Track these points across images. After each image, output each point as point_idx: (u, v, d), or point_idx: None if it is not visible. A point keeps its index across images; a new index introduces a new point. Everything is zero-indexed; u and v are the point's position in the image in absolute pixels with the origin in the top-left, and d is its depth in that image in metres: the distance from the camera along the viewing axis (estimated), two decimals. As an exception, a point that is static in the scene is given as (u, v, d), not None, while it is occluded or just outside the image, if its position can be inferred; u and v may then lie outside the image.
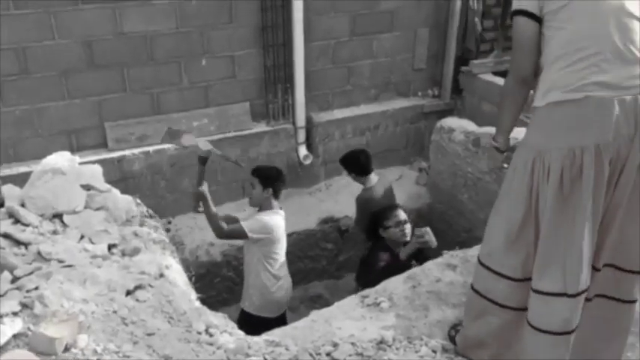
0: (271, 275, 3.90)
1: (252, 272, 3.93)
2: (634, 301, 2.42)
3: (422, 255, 3.89)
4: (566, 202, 2.10)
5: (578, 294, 2.18)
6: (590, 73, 2.04)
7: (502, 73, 5.90)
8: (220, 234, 3.82)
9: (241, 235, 3.78)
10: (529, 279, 2.27)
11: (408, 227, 3.94)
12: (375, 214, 4.06)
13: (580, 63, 2.06)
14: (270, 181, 3.84)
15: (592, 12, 2.06)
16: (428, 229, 3.77)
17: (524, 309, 2.32)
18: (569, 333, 2.24)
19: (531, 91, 2.31)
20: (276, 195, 3.89)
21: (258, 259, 3.87)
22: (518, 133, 2.60)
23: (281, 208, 3.97)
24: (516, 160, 2.25)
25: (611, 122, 2.04)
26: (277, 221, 3.84)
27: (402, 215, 3.95)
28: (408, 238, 3.91)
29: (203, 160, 3.82)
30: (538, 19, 2.13)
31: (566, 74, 2.08)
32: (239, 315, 4.06)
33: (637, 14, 2.07)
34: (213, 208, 3.81)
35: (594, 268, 2.28)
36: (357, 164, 4.53)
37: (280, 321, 3.99)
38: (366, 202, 4.49)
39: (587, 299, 2.31)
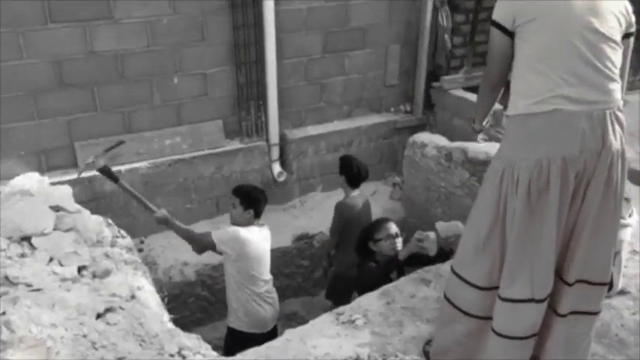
0: (253, 293, 3.83)
1: (231, 290, 3.87)
2: (599, 312, 2.48)
3: (416, 260, 3.80)
4: (533, 212, 2.17)
5: (545, 299, 2.28)
6: (557, 86, 2.10)
7: (472, 89, 5.99)
8: (190, 239, 3.82)
9: (209, 243, 3.70)
10: (495, 288, 2.33)
11: (399, 241, 3.87)
12: (366, 227, 4.03)
13: (547, 76, 2.12)
14: (252, 202, 3.79)
15: (559, 27, 2.11)
16: (431, 234, 3.60)
17: (489, 318, 2.37)
18: (534, 336, 2.34)
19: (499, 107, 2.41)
20: (257, 215, 3.84)
21: (234, 277, 3.80)
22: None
23: (263, 225, 3.90)
24: (489, 170, 2.33)
25: (578, 136, 2.10)
26: (249, 237, 3.71)
27: (393, 228, 3.89)
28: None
29: (107, 173, 3.84)
30: (510, 33, 2.21)
31: (534, 86, 2.14)
32: (226, 333, 4.05)
33: (602, 30, 2.13)
34: (180, 225, 3.81)
35: (566, 283, 2.34)
36: (355, 173, 4.56)
37: (268, 337, 3.91)
38: (344, 209, 4.54)
39: (562, 315, 2.37)
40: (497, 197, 2.23)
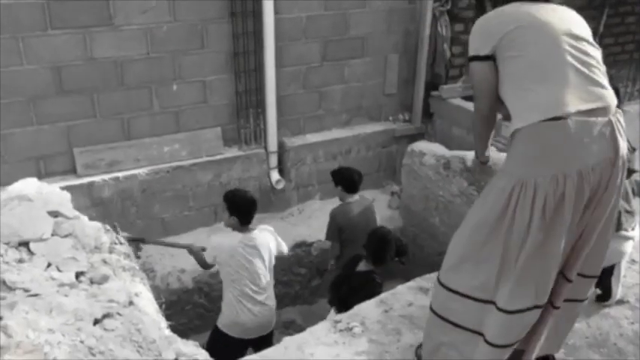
0: (234, 298, 3.86)
1: (223, 291, 3.96)
2: (586, 299, 2.54)
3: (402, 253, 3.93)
4: (547, 227, 2.14)
5: (545, 303, 2.31)
6: (559, 98, 2.07)
7: (471, 98, 6.00)
8: (203, 266, 4.12)
9: (206, 264, 3.98)
10: (489, 301, 2.31)
11: None
12: (401, 243, 4.02)
13: (548, 87, 2.10)
14: (234, 209, 3.83)
15: (546, 37, 2.12)
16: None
17: (478, 332, 2.37)
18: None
19: (499, 117, 2.39)
20: (242, 221, 3.84)
21: (224, 280, 3.91)
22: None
23: (251, 230, 3.88)
24: (493, 185, 2.27)
25: (590, 147, 2.08)
26: (222, 243, 3.82)
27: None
28: None
29: (131, 239, 4.05)
30: (489, 57, 2.20)
31: (537, 100, 2.11)
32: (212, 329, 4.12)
33: (582, 35, 2.16)
34: (202, 254, 4.04)
35: (568, 279, 2.37)
36: (349, 179, 4.59)
37: (252, 344, 3.96)
38: (336, 215, 4.58)
39: (558, 307, 2.41)
40: (502, 213, 2.18)
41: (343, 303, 3.54)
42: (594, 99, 2.10)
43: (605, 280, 3.22)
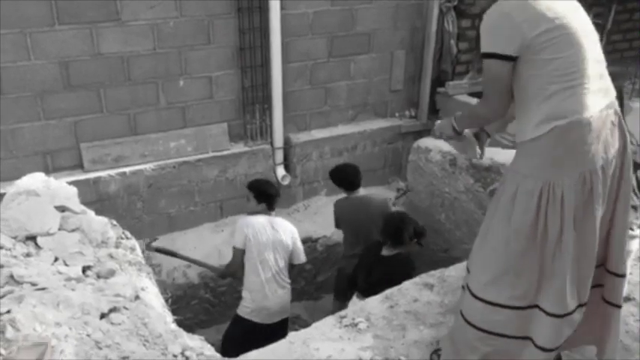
0: (260, 281, 3.97)
1: (245, 277, 4.07)
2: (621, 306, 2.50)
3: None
4: (580, 225, 2.16)
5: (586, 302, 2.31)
6: (583, 95, 2.09)
7: (477, 94, 6.00)
8: (231, 271, 4.24)
9: (238, 254, 4.02)
10: (531, 307, 2.29)
11: None
12: (417, 224, 4.05)
13: (575, 92, 2.09)
14: (263, 196, 4.07)
15: (575, 41, 2.09)
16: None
17: (522, 337, 2.35)
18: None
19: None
20: (270, 207, 4.08)
21: (248, 264, 4.00)
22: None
23: (274, 216, 4.13)
24: (515, 191, 2.22)
25: (608, 140, 2.13)
26: (249, 222, 3.98)
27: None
28: None
29: (164, 251, 4.49)
30: (513, 58, 2.12)
31: (561, 101, 2.10)
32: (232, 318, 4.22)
33: (591, 28, 2.17)
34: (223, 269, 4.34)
35: (619, 275, 2.40)
36: (344, 181, 4.58)
37: (270, 331, 3.98)
38: (336, 207, 4.64)
39: (620, 306, 2.47)
40: (535, 218, 2.15)
41: (373, 289, 3.53)
42: (606, 95, 2.15)
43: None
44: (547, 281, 2.24)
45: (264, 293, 3.99)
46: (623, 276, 2.38)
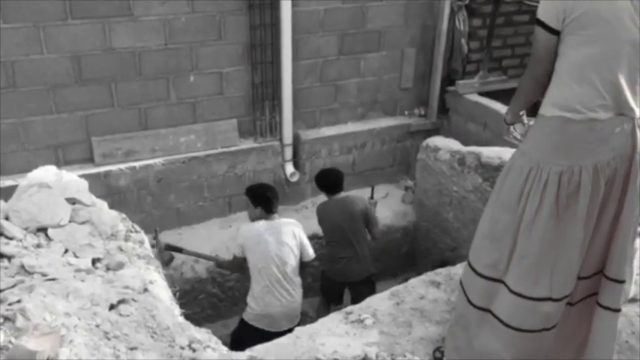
0: (263, 287, 3.94)
1: (251, 282, 4.05)
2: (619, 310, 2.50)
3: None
4: (560, 215, 2.20)
5: (562, 298, 2.33)
6: (598, 97, 2.11)
7: (487, 94, 5.99)
8: (231, 268, 4.42)
9: (236, 257, 4.09)
10: (497, 280, 2.38)
11: None
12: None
13: (591, 86, 2.11)
14: (257, 200, 4.07)
15: (608, 35, 2.09)
16: None
17: (486, 310, 2.45)
18: (548, 330, 2.39)
19: None
20: (267, 210, 4.04)
21: (251, 270, 3.98)
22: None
23: (274, 219, 4.07)
24: (510, 165, 2.34)
25: (611, 144, 2.14)
26: (249, 230, 4.00)
27: None
28: None
29: (171, 248, 4.61)
30: (557, 32, 2.15)
31: (576, 95, 2.13)
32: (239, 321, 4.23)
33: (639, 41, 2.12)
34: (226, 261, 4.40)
35: (617, 281, 2.39)
36: (324, 185, 4.67)
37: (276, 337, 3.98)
38: (317, 211, 4.74)
39: (618, 310, 2.44)
40: (519, 195, 2.26)
41: None
42: (626, 106, 2.14)
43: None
44: (516, 259, 2.31)
45: (266, 300, 3.94)
46: (622, 282, 2.38)
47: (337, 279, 4.74)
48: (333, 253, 4.66)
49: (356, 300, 3.68)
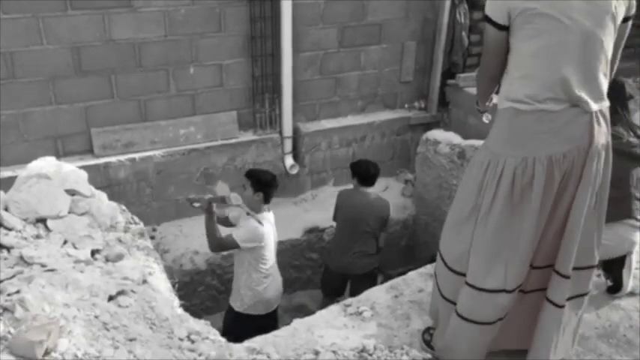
0: (262, 276, 3.97)
1: (243, 275, 3.99)
2: (589, 292, 2.54)
3: None
4: (514, 207, 2.24)
5: (516, 289, 2.38)
6: (550, 88, 2.12)
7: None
8: (215, 247, 3.92)
9: (233, 245, 3.85)
10: (461, 274, 2.43)
11: None
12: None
13: (542, 77, 2.13)
14: (262, 185, 3.92)
15: (558, 27, 2.09)
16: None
17: (450, 300, 2.51)
18: (500, 320, 2.44)
19: None
20: (266, 199, 3.97)
21: (249, 262, 3.95)
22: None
23: (269, 211, 4.04)
24: (474, 158, 2.41)
25: (566, 135, 2.15)
26: (267, 229, 3.89)
27: None
28: None
29: (221, 201, 3.81)
30: (505, 28, 2.20)
31: (527, 85, 2.15)
32: (227, 314, 4.19)
33: (598, 33, 2.11)
34: (216, 226, 3.91)
35: (564, 276, 2.38)
36: (364, 173, 4.65)
37: (270, 318, 4.11)
38: (339, 195, 4.74)
39: (562, 306, 2.42)
40: (479, 187, 2.30)
41: None
42: (579, 99, 2.12)
43: (616, 271, 3.21)
44: (475, 252, 2.36)
45: (263, 287, 3.99)
46: (567, 277, 2.37)
47: (338, 270, 4.74)
48: (343, 244, 4.64)
49: (355, 292, 3.69)
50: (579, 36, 2.09)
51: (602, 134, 2.20)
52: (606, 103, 2.21)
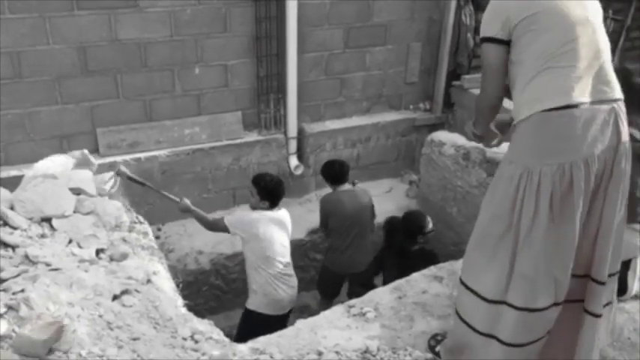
0: (269, 274, 3.91)
1: (251, 273, 3.99)
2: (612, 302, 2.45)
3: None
4: (555, 217, 2.11)
5: (562, 301, 2.27)
6: (570, 86, 2.07)
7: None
8: (208, 228, 4.06)
9: (221, 226, 3.90)
10: (501, 302, 2.27)
11: None
12: (416, 219, 4.38)
13: (559, 76, 2.08)
14: (268, 194, 3.90)
15: (562, 25, 2.09)
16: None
17: (491, 336, 2.32)
18: (548, 333, 2.33)
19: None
20: (272, 206, 3.94)
21: (250, 258, 3.93)
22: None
23: (280, 209, 4.01)
24: (499, 176, 2.25)
25: (597, 135, 2.07)
26: (259, 218, 3.86)
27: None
28: None
29: (132, 180, 4.06)
30: (506, 42, 2.17)
31: (547, 88, 2.10)
32: (243, 313, 4.16)
33: (593, 21, 2.12)
34: (200, 212, 4.06)
35: (600, 282, 2.31)
36: (330, 174, 4.65)
37: (281, 320, 4.04)
38: (325, 203, 4.67)
39: (599, 315, 2.35)
40: (512, 205, 2.15)
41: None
42: (601, 91, 2.10)
43: (621, 274, 3.19)
44: (517, 274, 2.21)
45: (274, 287, 3.96)
46: (603, 284, 2.30)
47: (340, 271, 4.75)
48: (339, 244, 4.64)
49: (354, 291, 3.70)
50: (581, 25, 2.09)
51: (625, 132, 2.14)
52: (622, 97, 2.17)
